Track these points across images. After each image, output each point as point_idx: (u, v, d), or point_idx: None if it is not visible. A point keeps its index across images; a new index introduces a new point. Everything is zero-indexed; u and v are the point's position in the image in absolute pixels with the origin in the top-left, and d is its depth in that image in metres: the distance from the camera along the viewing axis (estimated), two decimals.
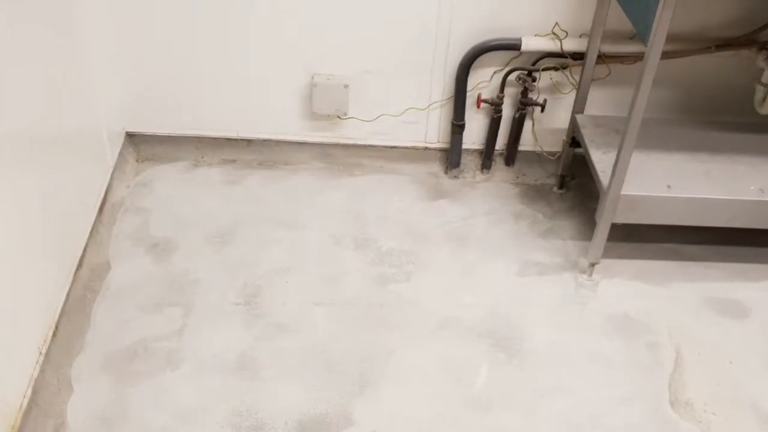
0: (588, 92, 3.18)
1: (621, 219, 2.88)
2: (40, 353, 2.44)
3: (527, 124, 3.42)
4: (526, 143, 3.48)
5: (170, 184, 3.38)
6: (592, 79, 3.16)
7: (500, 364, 2.69)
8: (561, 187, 3.47)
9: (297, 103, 3.37)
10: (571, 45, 3.15)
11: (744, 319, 2.92)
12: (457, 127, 3.39)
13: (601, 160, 2.99)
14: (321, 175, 3.48)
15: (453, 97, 3.33)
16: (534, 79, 3.24)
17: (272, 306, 2.84)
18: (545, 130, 3.45)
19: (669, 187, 2.87)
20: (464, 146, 3.47)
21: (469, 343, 2.75)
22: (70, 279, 2.72)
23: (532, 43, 3.15)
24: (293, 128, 3.45)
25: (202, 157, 3.51)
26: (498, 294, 2.96)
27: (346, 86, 3.28)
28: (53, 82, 2.66)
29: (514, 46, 3.17)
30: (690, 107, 3.38)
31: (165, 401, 2.50)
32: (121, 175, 3.32)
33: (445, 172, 3.54)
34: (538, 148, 3.48)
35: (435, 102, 3.38)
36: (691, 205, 2.88)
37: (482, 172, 3.54)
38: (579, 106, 3.22)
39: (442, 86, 3.33)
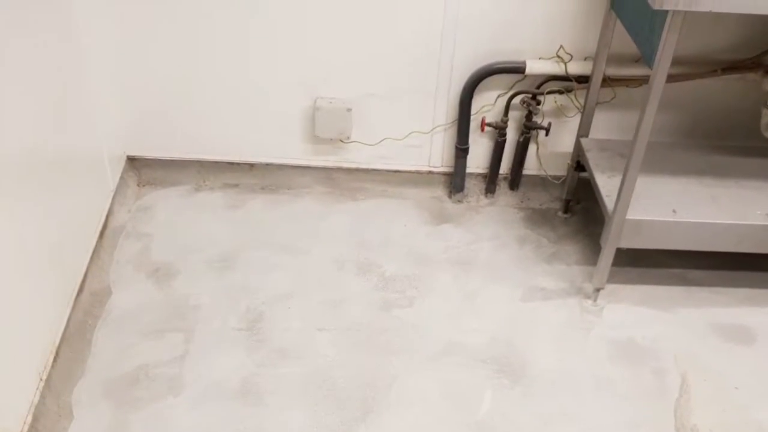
0: (593, 116, 3.17)
1: (626, 244, 2.86)
2: (41, 379, 2.42)
3: (532, 148, 3.41)
4: (530, 167, 3.47)
5: (172, 209, 3.36)
6: (597, 103, 3.15)
7: (504, 390, 2.67)
8: (566, 211, 3.45)
9: (299, 127, 3.36)
10: (575, 68, 3.14)
11: (750, 344, 2.90)
12: (461, 150, 3.38)
13: (606, 185, 2.97)
14: (324, 200, 3.47)
15: (457, 121, 3.32)
16: (538, 103, 3.23)
17: (274, 331, 2.82)
18: (550, 153, 3.43)
19: (674, 211, 2.85)
20: (468, 170, 3.46)
21: (473, 369, 2.73)
22: (71, 304, 2.71)
23: (536, 67, 3.15)
24: (296, 152, 3.43)
25: (204, 182, 3.49)
26: (502, 319, 2.93)
27: (349, 110, 3.27)
28: (54, 105, 2.65)
29: (518, 70, 3.16)
30: (696, 131, 3.37)
31: (166, 428, 2.48)
32: (122, 199, 3.31)
33: (449, 197, 3.52)
34: (542, 172, 3.47)
35: (439, 126, 3.36)
36: (697, 230, 2.86)
37: (486, 197, 3.53)
38: (584, 130, 3.21)
39: (445, 110, 3.32)
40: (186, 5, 3.06)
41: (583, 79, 3.16)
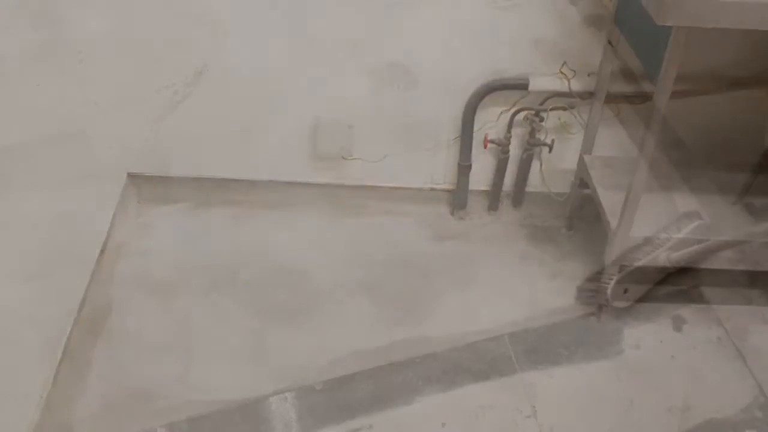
0: (596, 132, 3.16)
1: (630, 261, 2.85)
2: (41, 397, 2.41)
3: (535, 165, 3.40)
4: (533, 184, 3.46)
5: (173, 226, 3.36)
6: (601, 119, 3.14)
7: (509, 406, 2.65)
8: (569, 228, 3.44)
9: (301, 144, 3.35)
10: (579, 85, 3.12)
11: (761, 363, 2.88)
12: (464, 167, 3.37)
13: (610, 202, 2.96)
14: (325, 217, 3.45)
15: (459, 138, 3.31)
16: (541, 119, 3.22)
17: (277, 351, 2.81)
18: (553, 170, 3.42)
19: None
20: (471, 187, 3.45)
21: (479, 387, 2.72)
22: (71, 322, 2.69)
23: (539, 83, 3.13)
24: (297, 169, 3.42)
25: (206, 199, 3.48)
26: (506, 337, 2.92)
27: (350, 127, 3.26)
28: (55, 121, 2.65)
29: (521, 86, 3.15)
30: (700, 147, 3.35)
31: None
32: (123, 216, 3.30)
33: (452, 214, 3.51)
34: (545, 189, 3.45)
35: (441, 142, 3.35)
36: (702, 248, 2.84)
37: (489, 213, 3.52)
38: (587, 147, 3.20)
39: (448, 126, 3.31)
40: (186, 23, 3.05)
41: (586, 96, 3.15)
